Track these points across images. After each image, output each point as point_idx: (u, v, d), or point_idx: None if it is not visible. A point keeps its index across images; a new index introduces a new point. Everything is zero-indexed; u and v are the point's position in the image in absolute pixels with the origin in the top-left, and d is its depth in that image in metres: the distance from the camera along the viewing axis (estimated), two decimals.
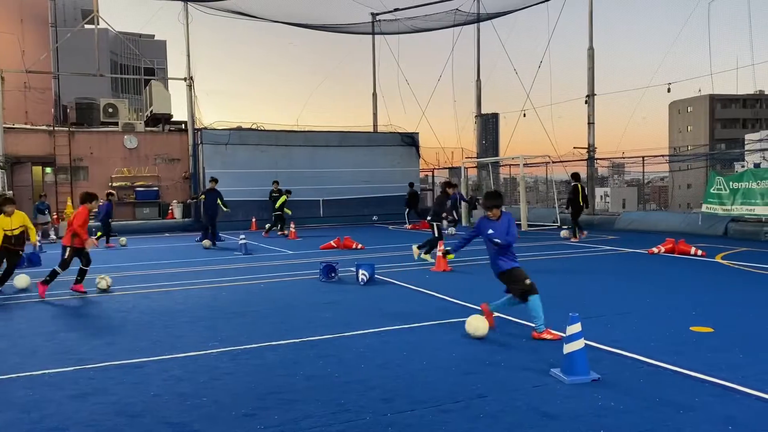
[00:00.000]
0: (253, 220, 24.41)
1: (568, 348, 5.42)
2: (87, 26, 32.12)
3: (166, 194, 26.34)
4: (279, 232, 21.34)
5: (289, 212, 21.65)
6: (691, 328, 7.11)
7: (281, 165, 26.77)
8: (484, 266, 12.44)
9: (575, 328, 5.39)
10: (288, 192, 21.77)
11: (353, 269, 11.35)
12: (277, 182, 23.11)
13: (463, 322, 7.05)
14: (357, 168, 27.87)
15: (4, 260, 10.26)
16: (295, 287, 10.85)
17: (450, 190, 14.11)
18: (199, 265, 14.13)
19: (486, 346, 6.40)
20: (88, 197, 10.57)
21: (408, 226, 24.45)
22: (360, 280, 10.78)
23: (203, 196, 19.37)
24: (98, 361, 6.28)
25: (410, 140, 29.98)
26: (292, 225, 21.12)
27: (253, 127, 28.09)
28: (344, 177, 27.65)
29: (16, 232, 10.24)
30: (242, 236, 17.05)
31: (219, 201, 18.78)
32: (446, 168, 32.97)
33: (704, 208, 18.71)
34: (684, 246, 13.60)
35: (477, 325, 6.84)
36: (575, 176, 17.93)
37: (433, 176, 33.18)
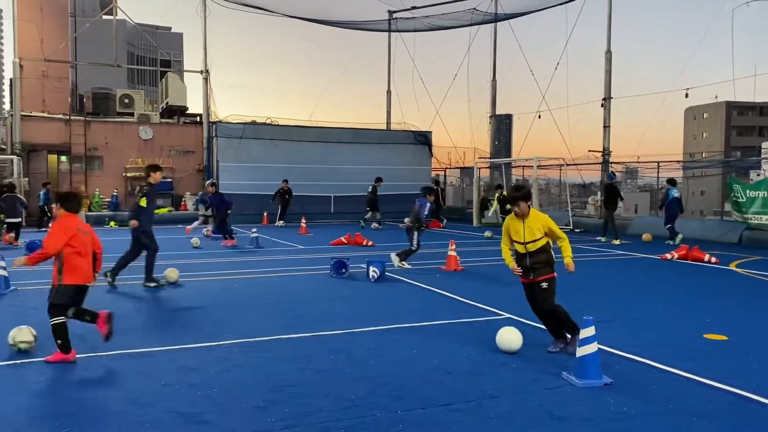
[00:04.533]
0: (265, 214, 24.46)
1: (581, 351, 5.38)
2: (105, 17, 32.34)
3: (179, 186, 26.46)
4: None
5: None
6: (704, 336, 7.05)
7: (294, 160, 26.78)
8: (494, 267, 12.42)
9: (588, 331, 5.35)
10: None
11: (363, 266, 11.35)
12: (286, 181, 23.12)
13: (474, 322, 7.03)
14: (369, 165, 27.84)
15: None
16: (306, 282, 10.85)
17: (430, 197, 12.48)
18: (211, 257, 14.18)
19: (496, 347, 6.36)
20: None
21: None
22: (371, 277, 10.77)
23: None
24: (110, 350, 6.31)
25: (423, 139, 29.92)
26: (303, 220, 21.15)
27: (267, 121, 28.16)
28: (356, 174, 27.63)
29: None
30: (254, 230, 17.09)
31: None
32: (458, 168, 32.90)
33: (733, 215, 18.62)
34: (698, 253, 13.48)
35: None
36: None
37: (445, 175, 33.10)
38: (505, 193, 17.49)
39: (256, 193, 25.19)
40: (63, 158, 25.61)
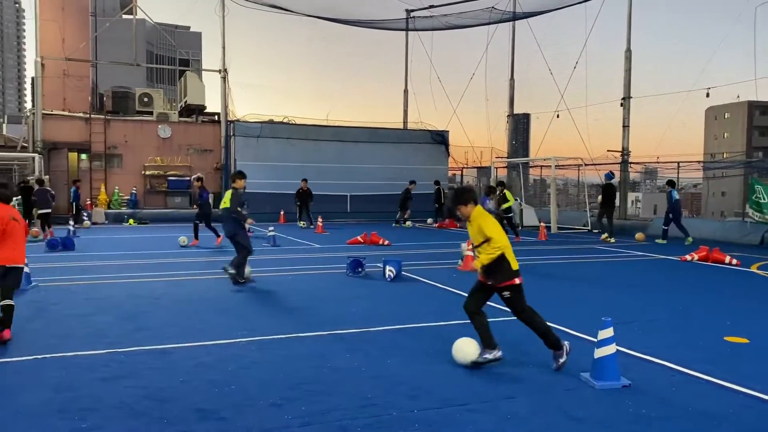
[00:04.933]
0: (282, 213, 24.56)
1: (599, 353, 5.34)
2: (125, 17, 32.65)
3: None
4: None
5: None
6: (725, 338, 6.96)
7: (311, 159, 26.88)
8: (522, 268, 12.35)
9: (607, 332, 5.30)
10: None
11: (380, 265, 11.36)
12: (305, 180, 23.18)
13: (492, 322, 6.95)
14: (386, 164, 27.85)
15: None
16: (323, 280, 10.89)
17: (492, 196, 13.36)
18: (230, 254, 14.24)
19: (515, 347, 6.33)
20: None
21: (435, 224, 24.40)
22: (387, 276, 10.77)
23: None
24: (129, 346, 6.37)
25: (440, 138, 29.87)
26: (320, 219, 21.19)
27: (284, 120, 28.28)
28: (373, 173, 27.67)
29: None
30: (271, 228, 17.18)
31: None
32: (475, 167, 32.80)
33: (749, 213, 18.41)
34: (718, 254, 13.32)
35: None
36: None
37: (462, 175, 33.01)
38: (506, 191, 17.57)
39: (273, 191, 25.33)
40: (83, 156, 25.93)
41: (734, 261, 13.06)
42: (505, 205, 17.10)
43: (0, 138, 32.27)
